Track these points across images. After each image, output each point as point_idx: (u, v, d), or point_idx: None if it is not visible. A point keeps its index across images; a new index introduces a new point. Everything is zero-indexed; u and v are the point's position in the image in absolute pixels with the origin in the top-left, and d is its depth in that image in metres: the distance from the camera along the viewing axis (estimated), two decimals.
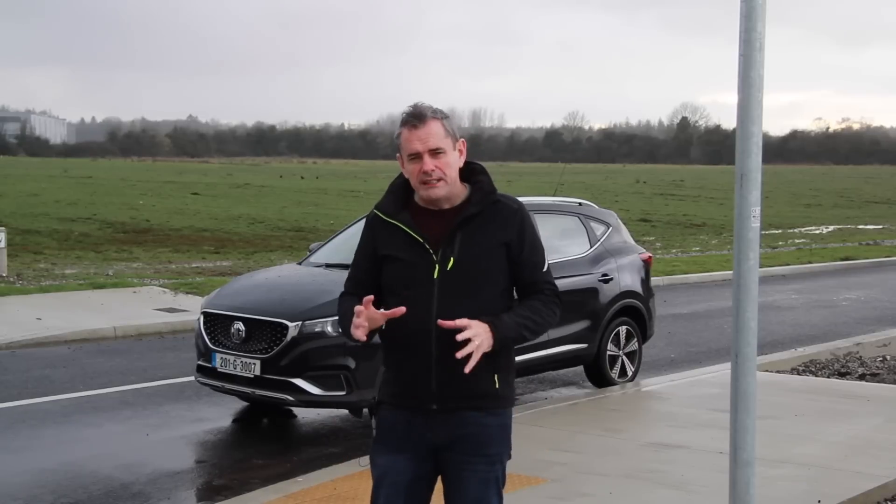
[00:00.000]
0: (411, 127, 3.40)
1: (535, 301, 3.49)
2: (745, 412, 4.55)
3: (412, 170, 3.42)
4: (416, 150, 3.39)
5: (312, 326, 7.64)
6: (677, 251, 25.78)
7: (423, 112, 3.42)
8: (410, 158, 3.42)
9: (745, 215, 4.49)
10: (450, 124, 3.45)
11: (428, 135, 3.39)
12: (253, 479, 6.81)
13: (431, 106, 3.46)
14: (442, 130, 3.41)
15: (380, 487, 3.52)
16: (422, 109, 3.43)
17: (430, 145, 3.39)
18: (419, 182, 3.42)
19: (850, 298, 17.41)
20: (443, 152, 3.40)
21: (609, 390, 9.33)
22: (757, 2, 4.41)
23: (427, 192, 3.42)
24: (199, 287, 15.64)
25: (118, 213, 32.39)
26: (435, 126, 3.41)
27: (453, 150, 3.44)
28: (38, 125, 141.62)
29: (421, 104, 3.45)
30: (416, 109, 3.43)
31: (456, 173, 3.46)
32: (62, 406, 8.77)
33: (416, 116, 3.41)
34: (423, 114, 3.41)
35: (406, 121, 3.42)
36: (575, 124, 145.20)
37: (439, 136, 3.40)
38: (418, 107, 3.44)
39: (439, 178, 3.40)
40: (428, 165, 3.38)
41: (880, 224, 39.43)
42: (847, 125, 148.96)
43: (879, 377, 9.85)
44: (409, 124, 3.41)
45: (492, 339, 3.32)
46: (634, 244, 10.55)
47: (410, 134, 3.40)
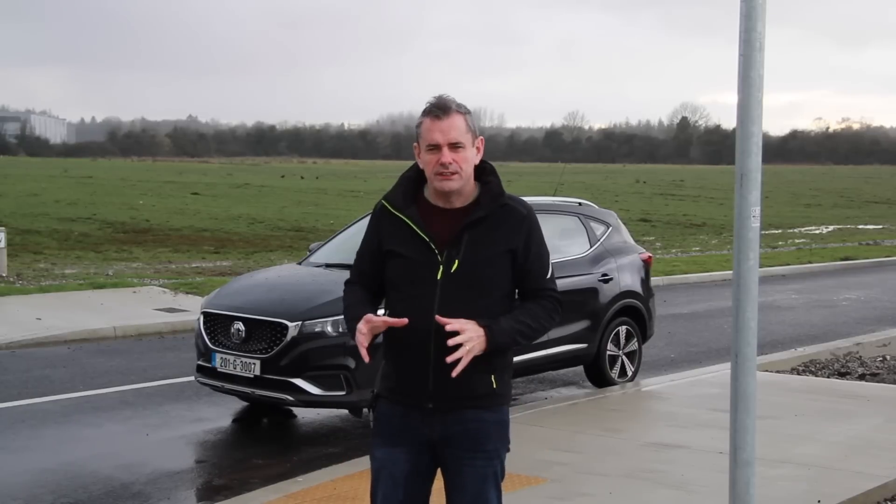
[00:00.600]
0: (434, 117, 3.40)
1: (535, 306, 3.49)
2: (745, 412, 4.55)
3: (429, 160, 3.41)
4: (436, 141, 3.38)
5: (312, 326, 7.64)
6: (677, 251, 25.78)
7: (448, 104, 3.41)
8: (429, 149, 3.40)
9: (745, 215, 4.49)
10: (471, 120, 3.45)
11: (450, 127, 3.38)
12: (253, 479, 6.81)
13: (455, 99, 3.45)
14: (464, 125, 3.41)
15: (378, 480, 3.53)
16: (447, 101, 3.42)
17: (451, 138, 3.38)
18: (434, 173, 3.41)
19: (849, 298, 17.41)
20: (462, 147, 3.40)
21: (609, 390, 9.33)
22: (757, 2, 4.41)
23: (441, 183, 3.41)
24: (198, 287, 15.65)
25: (118, 213, 32.39)
26: (458, 120, 3.40)
27: (472, 147, 3.44)
28: (38, 125, 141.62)
29: (446, 96, 3.45)
30: (440, 101, 3.43)
31: (471, 169, 3.46)
32: (62, 406, 8.77)
33: (440, 108, 3.40)
34: (447, 106, 3.41)
35: (430, 111, 3.41)
36: (575, 124, 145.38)
37: (461, 129, 3.40)
38: (443, 98, 3.44)
39: (455, 171, 3.39)
40: (446, 157, 3.37)
41: (880, 224, 39.44)
42: (847, 125, 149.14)
43: (879, 377, 9.85)
44: (432, 114, 3.40)
45: (485, 343, 3.33)
46: (634, 244, 10.55)
47: (433, 124, 3.39)
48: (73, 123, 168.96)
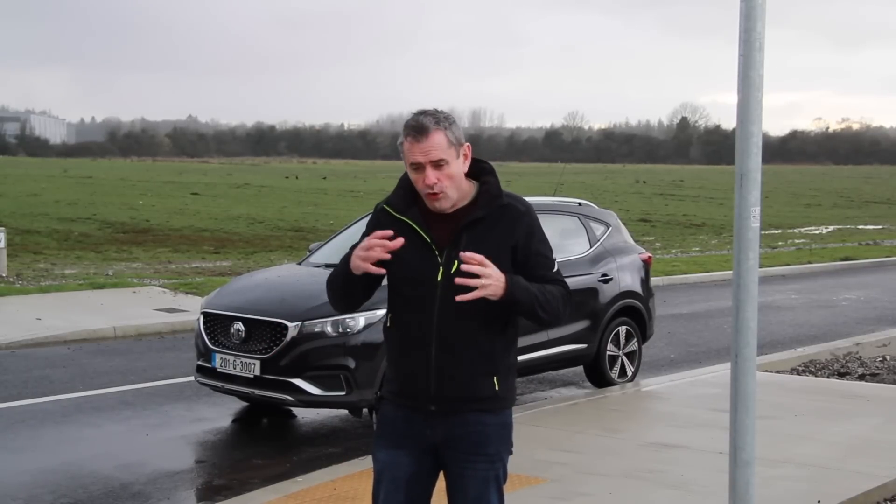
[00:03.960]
0: (413, 139, 3.35)
1: (550, 286, 3.45)
2: (745, 412, 4.55)
3: (415, 178, 3.40)
4: (417, 161, 3.36)
5: (312, 326, 7.64)
6: (677, 251, 25.78)
7: (425, 126, 3.34)
8: (413, 168, 3.39)
9: (745, 215, 4.49)
10: (454, 132, 3.38)
11: (430, 147, 3.34)
12: (253, 479, 6.81)
13: (436, 113, 3.38)
14: (444, 141, 3.35)
15: (380, 482, 3.53)
16: (424, 122, 3.35)
17: (433, 157, 3.34)
18: (423, 193, 3.41)
19: (849, 298, 17.42)
20: (445, 163, 3.36)
21: (609, 390, 9.33)
22: (756, 2, 4.41)
23: (431, 203, 3.41)
24: (198, 287, 15.65)
25: (118, 213, 32.39)
26: (437, 138, 3.35)
27: (457, 159, 3.39)
28: (37, 125, 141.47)
29: (424, 115, 3.38)
30: (417, 122, 3.35)
31: (461, 179, 3.42)
32: (62, 406, 8.77)
33: (417, 130, 3.34)
34: (425, 127, 3.34)
35: (408, 133, 3.37)
36: (575, 124, 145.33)
37: (441, 147, 3.35)
38: (420, 120, 3.36)
39: (440, 190, 3.36)
40: (430, 179, 3.35)
41: (880, 224, 39.43)
42: (847, 125, 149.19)
43: (879, 377, 9.85)
44: (410, 136, 3.36)
45: (503, 289, 3.27)
46: (634, 244, 10.55)
47: (412, 146, 3.35)
48: (72, 123, 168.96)
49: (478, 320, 3.37)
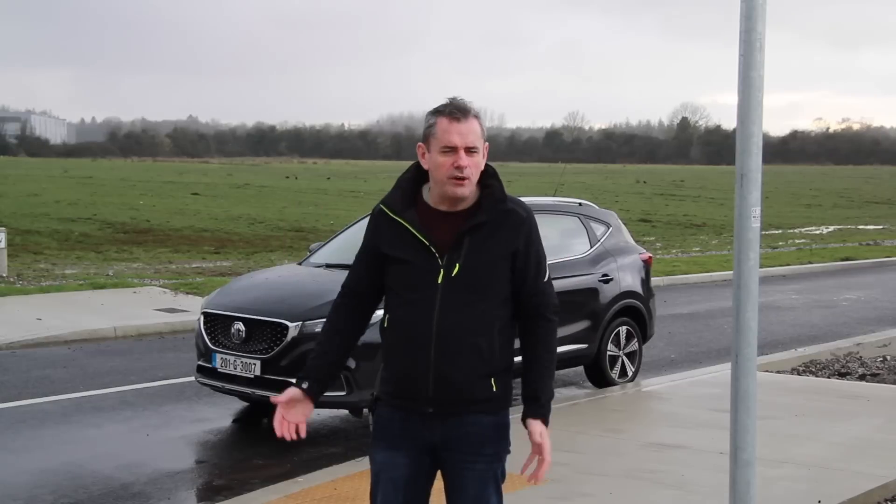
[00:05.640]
0: (452, 119, 3.33)
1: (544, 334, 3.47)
2: (746, 412, 4.55)
3: (442, 162, 3.34)
4: (453, 144, 3.32)
5: (313, 327, 7.64)
6: (677, 251, 25.78)
7: (467, 106, 3.36)
8: (444, 150, 3.33)
9: (746, 215, 4.49)
10: (483, 126, 3.41)
11: (469, 130, 3.34)
12: (253, 479, 6.81)
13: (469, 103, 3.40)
14: (479, 130, 3.38)
15: (378, 483, 3.52)
16: (465, 104, 3.37)
17: (469, 142, 3.33)
18: (448, 176, 3.34)
19: (850, 298, 17.41)
20: (476, 152, 3.36)
21: (609, 390, 9.33)
22: (757, 2, 4.41)
23: (454, 189, 3.35)
24: (199, 287, 15.65)
25: (118, 214, 32.38)
26: (475, 124, 3.36)
27: (482, 152, 3.41)
28: (38, 125, 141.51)
29: (461, 99, 3.39)
30: (459, 102, 3.36)
31: (478, 175, 3.42)
32: (62, 406, 8.77)
33: (459, 109, 3.34)
34: (466, 108, 3.35)
35: (449, 111, 3.34)
36: (575, 124, 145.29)
37: (477, 134, 3.36)
38: (461, 100, 3.38)
39: (468, 176, 3.34)
40: (464, 161, 3.32)
41: (880, 224, 39.43)
42: (847, 125, 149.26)
43: (879, 377, 9.85)
44: (451, 116, 3.33)
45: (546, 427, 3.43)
46: (635, 244, 10.55)
47: (451, 125, 3.33)
48: (73, 124, 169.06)
49: (476, 322, 3.37)
